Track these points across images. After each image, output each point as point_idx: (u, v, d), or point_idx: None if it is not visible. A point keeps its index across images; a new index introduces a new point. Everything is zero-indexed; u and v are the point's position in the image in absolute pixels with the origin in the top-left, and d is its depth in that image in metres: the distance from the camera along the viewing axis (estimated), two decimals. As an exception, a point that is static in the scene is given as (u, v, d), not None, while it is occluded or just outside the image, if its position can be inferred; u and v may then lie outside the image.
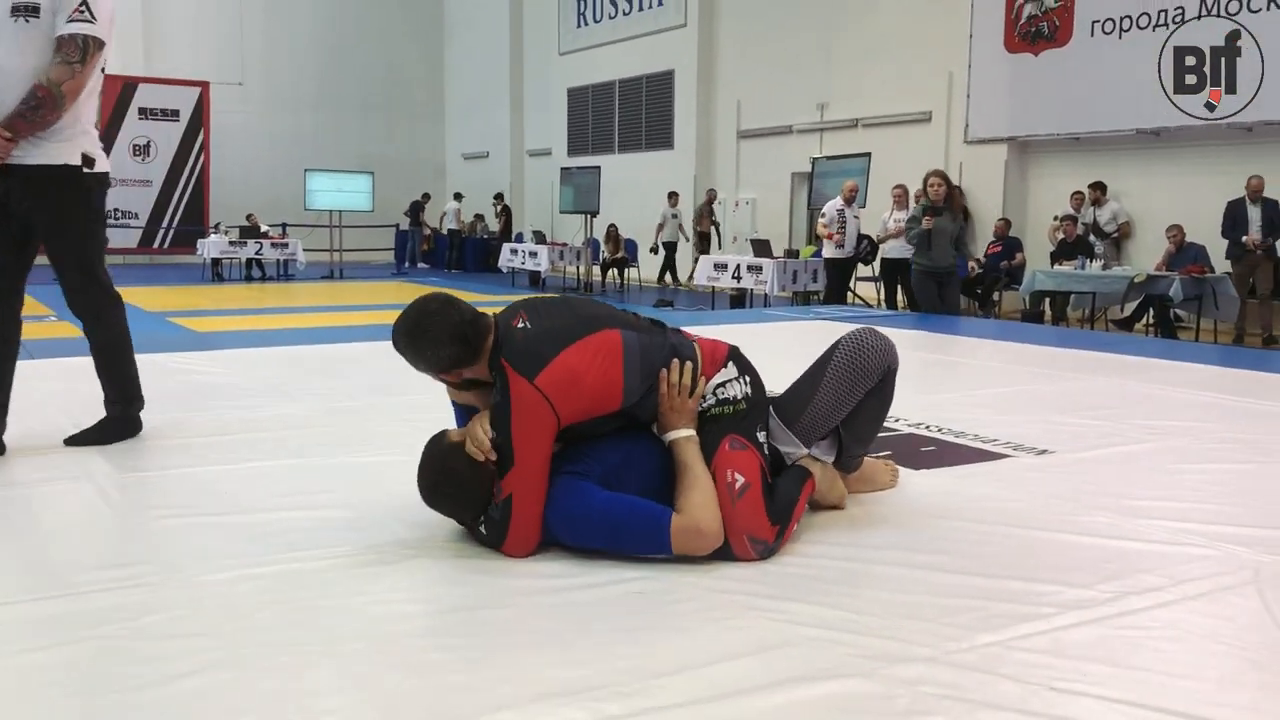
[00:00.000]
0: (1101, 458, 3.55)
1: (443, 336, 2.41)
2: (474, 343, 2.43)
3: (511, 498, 2.38)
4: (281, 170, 22.34)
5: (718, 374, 2.62)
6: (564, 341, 2.43)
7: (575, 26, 20.71)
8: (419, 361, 2.46)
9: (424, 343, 2.42)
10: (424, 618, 2.09)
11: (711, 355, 2.65)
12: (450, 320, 2.42)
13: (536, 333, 2.45)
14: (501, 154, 23.71)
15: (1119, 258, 11.79)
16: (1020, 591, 2.26)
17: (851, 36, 14.92)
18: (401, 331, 2.46)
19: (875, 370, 2.73)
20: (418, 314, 2.45)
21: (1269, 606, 2.20)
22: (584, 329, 2.49)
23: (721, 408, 2.57)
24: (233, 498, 2.91)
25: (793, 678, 1.81)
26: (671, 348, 2.60)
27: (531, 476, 2.38)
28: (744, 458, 2.50)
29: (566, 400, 2.39)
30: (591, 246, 16.92)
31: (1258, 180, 9.99)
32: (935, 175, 9.22)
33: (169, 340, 7.50)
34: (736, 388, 2.61)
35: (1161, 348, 7.69)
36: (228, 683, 1.78)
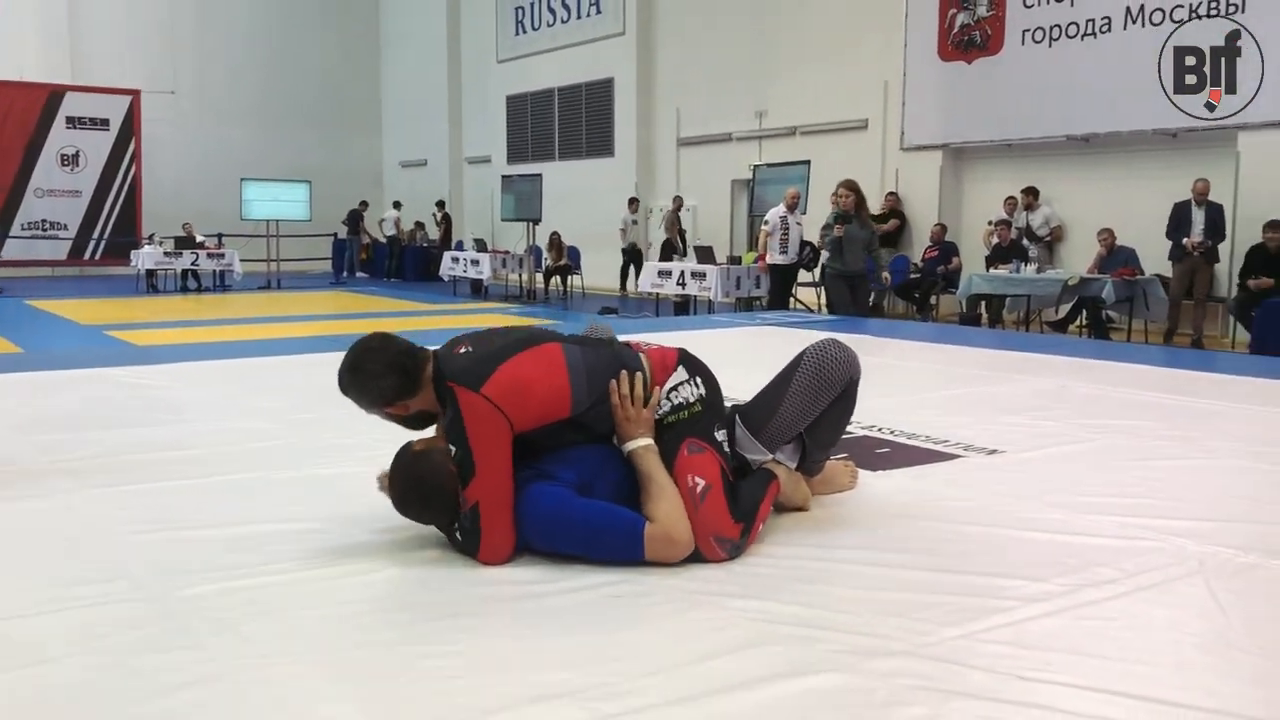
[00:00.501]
0: (1049, 456, 3.68)
1: (379, 369, 2.52)
2: (412, 372, 2.52)
3: (479, 506, 2.43)
4: (216, 180, 22.02)
5: (670, 378, 2.68)
6: (506, 355, 2.52)
7: (513, 34, 20.72)
8: (363, 397, 2.56)
9: (363, 377, 2.53)
10: (411, 625, 2.12)
11: (661, 362, 2.72)
12: (387, 352, 2.54)
13: (478, 353, 2.54)
14: (440, 162, 23.62)
15: (1052, 261, 12.09)
16: (983, 586, 2.35)
17: (788, 45, 15.12)
18: (343, 371, 2.57)
19: (839, 381, 2.82)
20: (355, 352, 2.56)
21: (1215, 595, 2.32)
22: (524, 345, 2.58)
23: (677, 414, 2.64)
24: (202, 512, 2.92)
25: (775, 674, 1.88)
26: (616, 359, 2.66)
27: (495, 483, 2.43)
28: (703, 460, 2.57)
29: (515, 406, 2.45)
30: (534, 254, 16.93)
31: (1203, 184, 10.24)
32: (844, 185, 9.60)
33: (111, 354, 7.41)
34: (689, 390, 2.67)
35: (1096, 348, 7.92)
36: (224, 694, 1.80)
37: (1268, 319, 8.33)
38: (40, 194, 20.77)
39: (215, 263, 17.63)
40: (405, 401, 2.55)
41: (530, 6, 20.21)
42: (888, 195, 13.80)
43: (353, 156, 24.82)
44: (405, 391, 2.53)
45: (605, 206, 18.34)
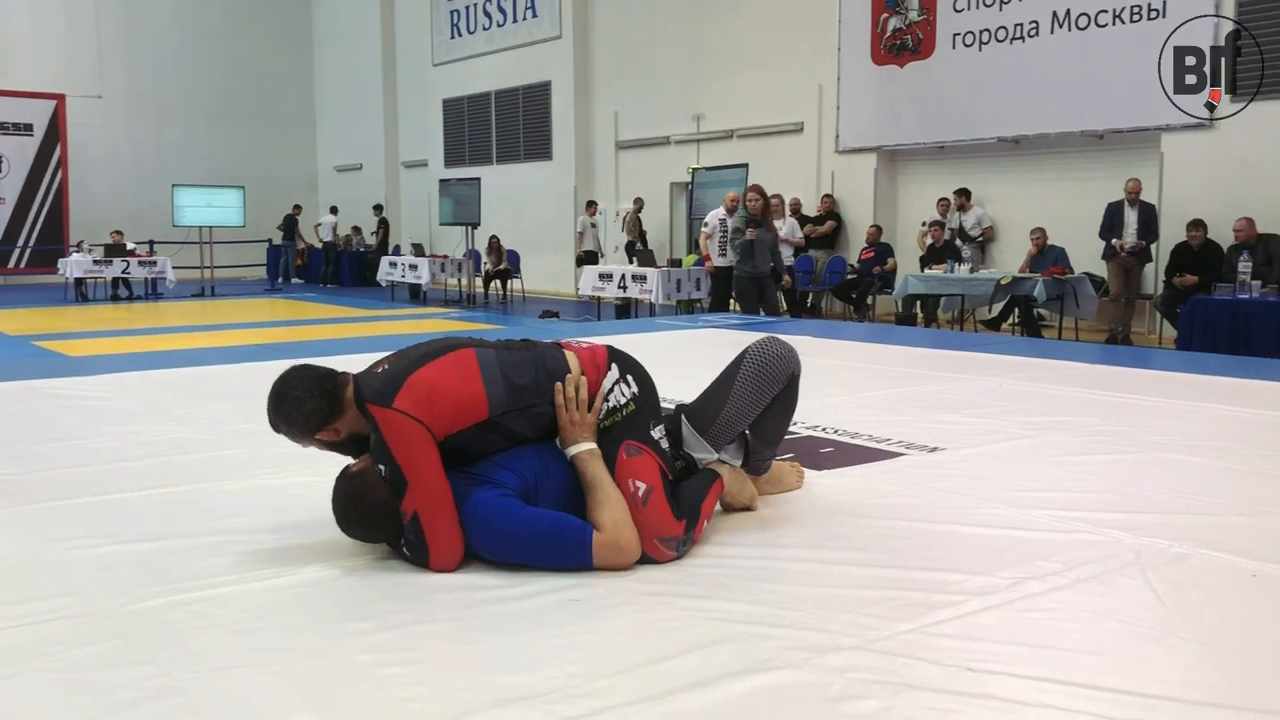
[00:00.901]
0: (988, 453, 3.77)
1: (301, 393, 2.53)
2: (333, 394, 2.54)
3: (417, 516, 2.43)
4: (147, 186, 21.63)
5: (603, 379, 2.69)
6: (414, 366, 2.54)
7: (449, 37, 20.61)
8: (292, 427, 2.56)
9: (287, 405, 2.54)
10: (366, 634, 2.12)
11: (592, 360, 2.72)
12: (306, 378, 2.56)
13: (391, 369, 2.56)
14: (376, 166, 23.41)
15: (984, 261, 12.31)
16: (929, 581, 2.41)
17: (724, 49, 15.23)
18: (270, 406, 2.58)
19: (781, 377, 2.87)
20: (277, 386, 2.59)
21: (1152, 585, 2.39)
22: (436, 354, 2.60)
23: (612, 416, 2.65)
24: (146, 525, 2.88)
25: (732, 672, 1.91)
26: (536, 360, 2.66)
27: (427, 491, 2.44)
28: (642, 463, 2.59)
29: (429, 412, 2.47)
30: (473, 258, 16.86)
31: (1134, 183, 10.46)
32: (753, 190, 10.06)
33: (42, 365, 7.25)
34: (623, 391, 2.69)
35: (1028, 346, 8.09)
36: (178, 708, 1.79)
37: (1193, 315, 8.56)
38: (-40, 201, 20.23)
39: (147, 270, 17.29)
40: (333, 425, 2.55)
41: (466, 9, 20.12)
42: (824, 198, 13.96)
43: (287, 161, 24.50)
44: (331, 414, 2.53)
45: (544, 210, 18.35)
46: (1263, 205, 9.65)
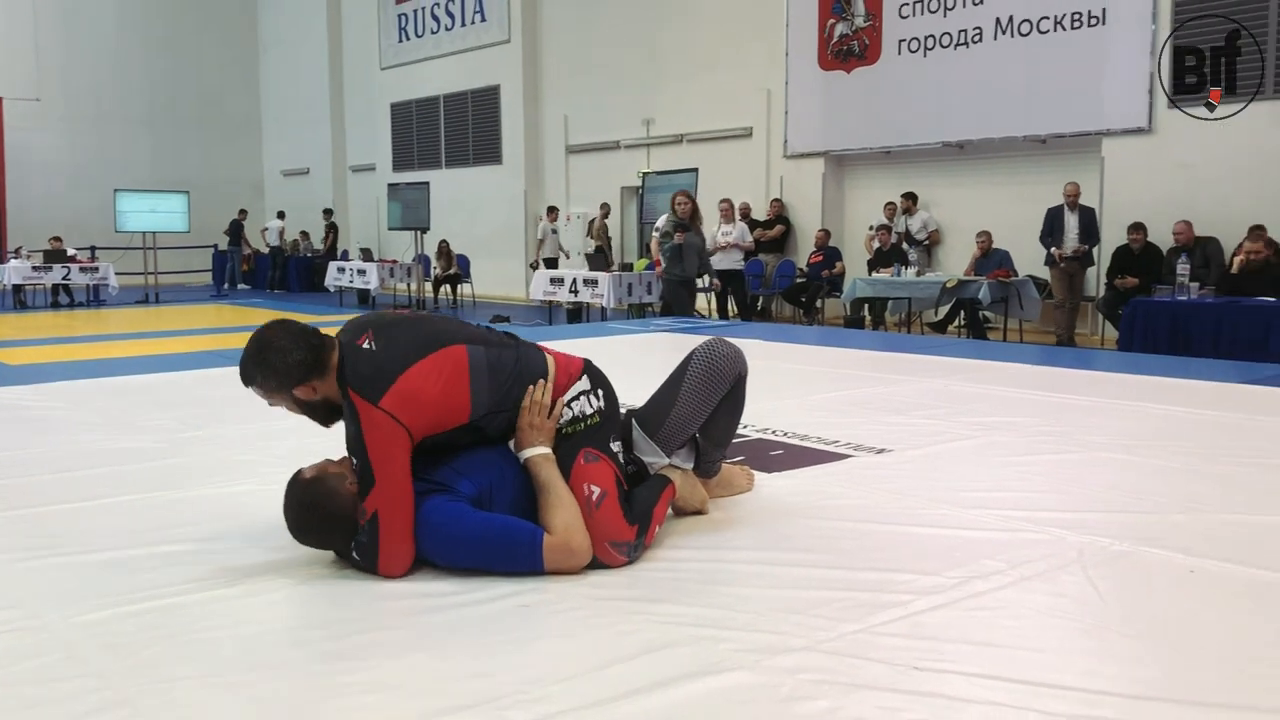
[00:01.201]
0: (935, 454, 3.82)
1: (288, 344, 2.47)
2: (319, 350, 2.49)
3: (377, 516, 2.41)
4: (88, 191, 21.26)
5: (573, 387, 2.71)
6: (407, 361, 2.48)
7: (397, 41, 20.49)
8: (272, 377, 2.48)
9: (272, 354, 2.47)
10: (317, 643, 2.11)
11: (566, 368, 2.74)
12: (292, 329, 2.51)
13: (381, 355, 2.49)
14: (323, 170, 23.20)
15: (930, 264, 12.47)
16: (877, 581, 2.44)
17: (673, 54, 15.29)
18: (249, 354, 2.50)
19: (728, 377, 2.90)
20: (259, 334, 2.52)
21: (1094, 583, 2.44)
22: (428, 347, 2.54)
23: (575, 425, 2.67)
24: (92, 536, 2.84)
25: (683, 674, 1.93)
26: (520, 361, 2.67)
27: (394, 491, 2.43)
28: (598, 469, 2.61)
29: (413, 416, 2.45)
30: (423, 263, 16.76)
31: (1073, 186, 10.62)
32: (682, 195, 10.13)
33: (-19, 374, 7.10)
34: (589, 402, 2.70)
35: (974, 348, 8.20)
36: (127, 720, 1.77)
37: (1134, 317, 8.73)
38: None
39: (89, 277, 17.00)
40: (314, 382, 2.49)
41: (414, 13, 20.01)
42: (773, 202, 14.06)
43: (232, 165, 24.21)
44: (315, 369, 2.48)
45: (494, 214, 18.29)
46: (1201, 209, 9.88)
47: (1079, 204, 10.67)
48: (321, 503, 2.46)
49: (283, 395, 2.53)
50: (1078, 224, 10.66)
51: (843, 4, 13.07)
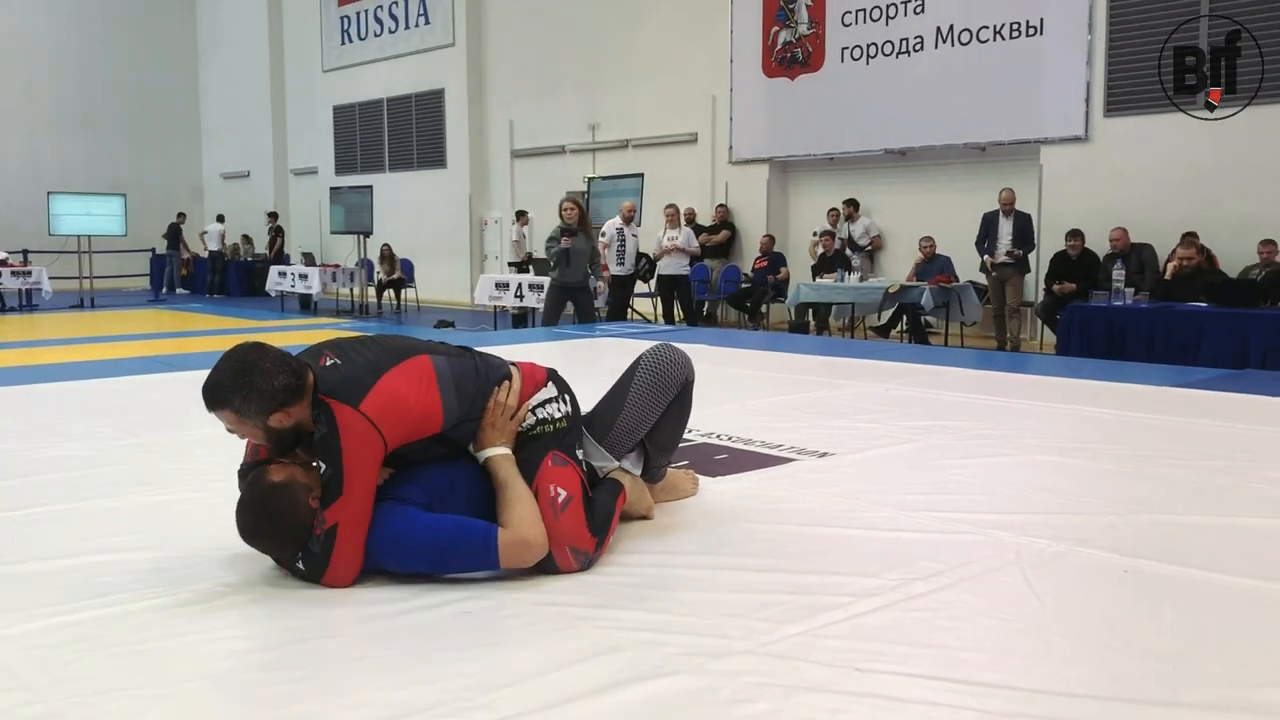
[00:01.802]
0: (876, 458, 3.86)
1: (272, 368, 2.38)
2: (300, 374, 2.42)
3: (336, 528, 2.37)
4: (20, 193, 20.83)
5: (539, 393, 2.70)
6: (380, 369, 2.46)
7: (340, 43, 20.30)
8: (253, 401, 2.36)
9: (256, 376, 2.36)
10: (257, 652, 2.08)
11: (531, 375, 2.74)
12: (273, 353, 2.43)
13: (352, 366, 2.46)
14: (264, 173, 22.91)
15: (873, 269, 12.61)
16: (818, 584, 2.46)
17: (618, 59, 15.32)
18: (226, 376, 2.38)
19: (675, 383, 2.91)
20: (237, 356, 2.41)
21: (1030, 583, 2.48)
22: (395, 357, 2.52)
23: (543, 426, 2.66)
24: (24, 545, 2.77)
25: (625, 679, 1.93)
26: (479, 369, 2.65)
27: (358, 505, 2.39)
28: (565, 473, 2.60)
29: (392, 424, 2.42)
30: (366, 267, 16.61)
31: (1008, 193, 10.73)
32: (569, 200, 10.10)
33: (-93, 380, 6.91)
34: (557, 406, 2.70)
35: (916, 352, 8.30)
36: (56, 734, 1.73)
37: (1071, 322, 8.89)
38: None
39: (21, 281, 16.62)
40: (292, 406, 2.40)
41: (357, 16, 19.84)
42: (718, 207, 14.13)
43: (171, 168, 23.82)
44: (297, 393, 2.39)
45: (439, 218, 18.18)
46: (1136, 216, 10.08)
47: (1015, 210, 10.78)
48: (283, 514, 2.39)
49: (256, 422, 2.39)
50: (1012, 229, 10.75)
51: (786, 11, 13.18)
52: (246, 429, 2.43)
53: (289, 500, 2.39)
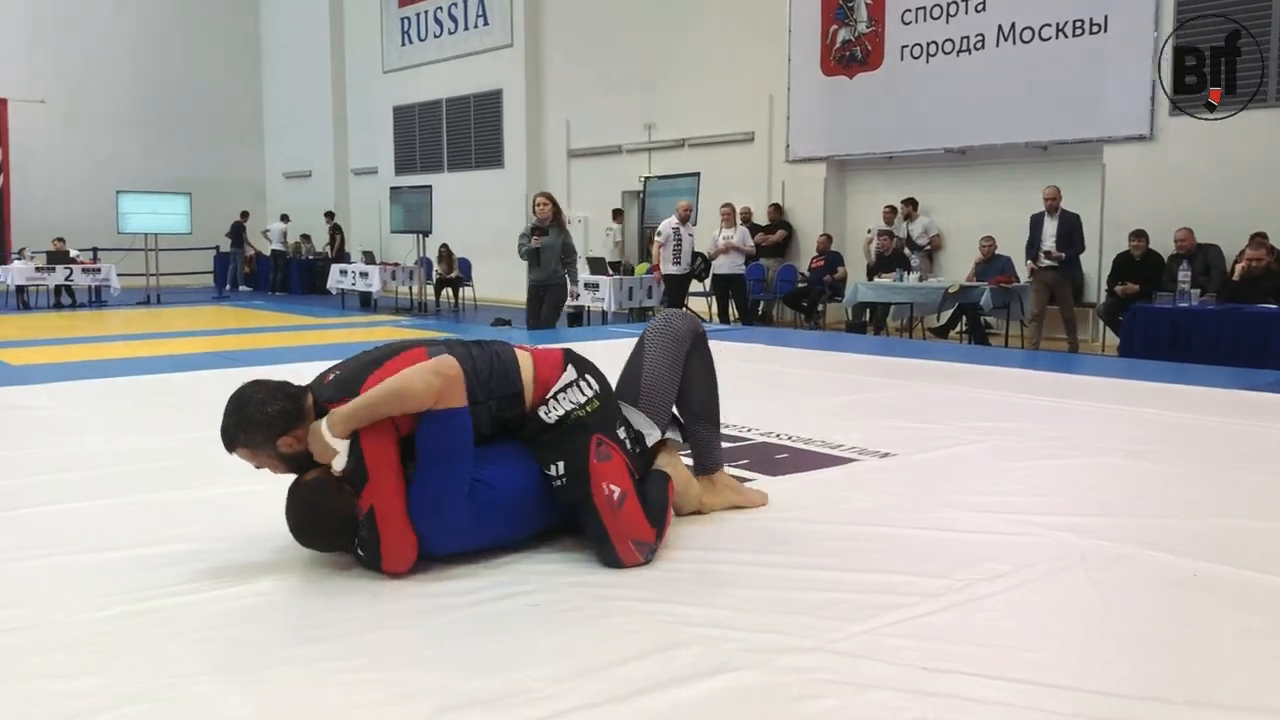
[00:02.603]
0: (939, 458, 3.84)
1: (264, 397, 2.51)
2: (296, 397, 2.53)
3: (374, 511, 2.44)
4: (91, 192, 21.29)
5: (560, 378, 2.71)
6: (375, 365, 2.57)
7: (400, 45, 20.51)
8: (254, 433, 2.49)
9: (251, 408, 2.50)
10: (325, 642, 2.12)
11: (546, 360, 2.75)
12: (265, 385, 2.56)
13: (347, 370, 2.59)
14: (325, 173, 23.22)
15: (932, 269, 12.49)
16: (883, 583, 2.46)
17: (676, 59, 15.32)
18: (228, 416, 2.53)
19: (685, 332, 2.98)
20: (234, 396, 2.55)
21: (1097, 585, 2.46)
22: (389, 353, 2.63)
23: (578, 413, 2.67)
24: (97, 535, 2.86)
25: (692, 674, 1.95)
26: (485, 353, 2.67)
27: (386, 485, 2.45)
28: (613, 467, 2.62)
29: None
30: (424, 266, 16.78)
31: (1052, 190, 10.33)
32: (541, 197, 9.76)
33: (-16, 374, 7.12)
34: (581, 389, 2.71)
35: (976, 353, 8.22)
36: (141, 715, 1.79)
37: (1134, 323, 8.75)
38: (-102, 206, 19.80)
39: (91, 278, 17.02)
40: (295, 431, 2.50)
41: (417, 17, 20.04)
42: (774, 206, 14.08)
43: (234, 168, 24.22)
44: (296, 417, 2.50)
45: (496, 218, 18.30)
46: (1202, 216, 9.88)
47: (1060, 209, 10.30)
48: (319, 501, 2.48)
49: (267, 451, 2.52)
50: (1056, 231, 10.21)
51: (845, 10, 13.10)
52: (263, 460, 2.56)
53: (322, 490, 2.48)
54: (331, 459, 2.47)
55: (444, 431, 2.48)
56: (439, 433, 2.47)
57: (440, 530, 2.49)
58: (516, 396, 2.65)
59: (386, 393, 2.44)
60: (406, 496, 2.47)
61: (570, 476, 2.59)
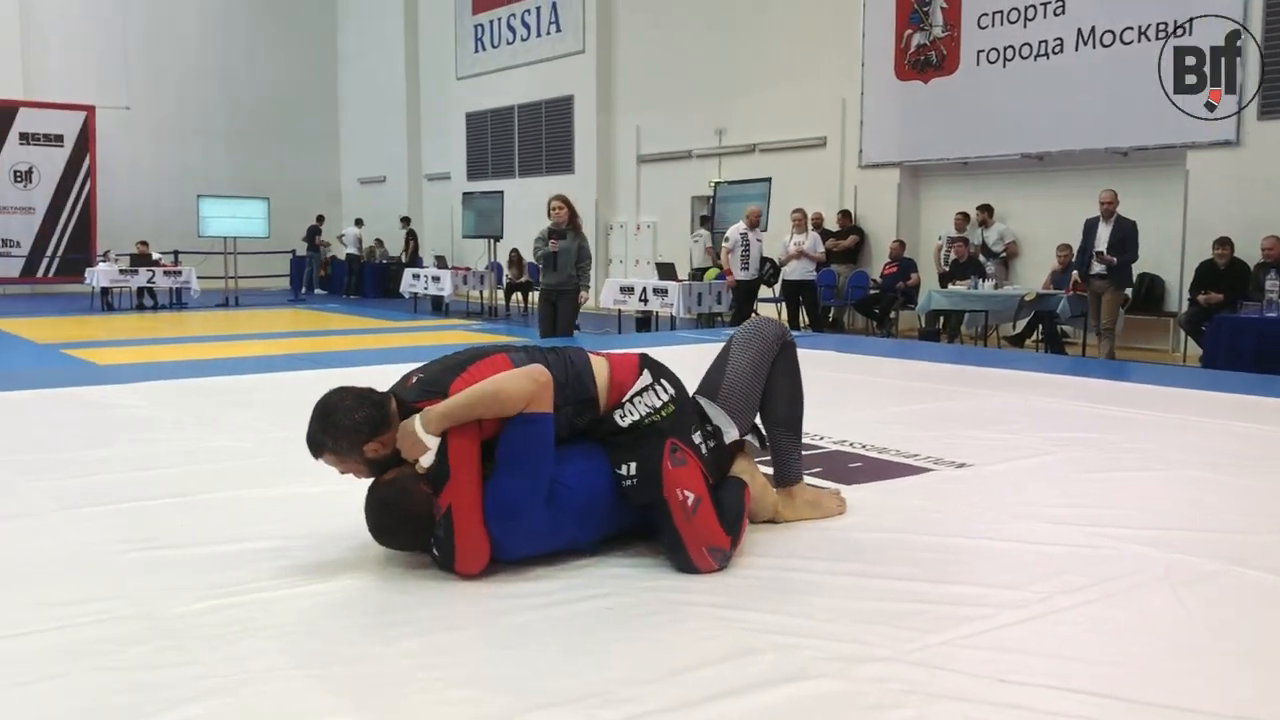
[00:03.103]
0: (1015, 469, 3.79)
1: (351, 404, 2.55)
2: (381, 404, 2.57)
3: (451, 510, 2.47)
4: (173, 196, 21.91)
5: (635, 383, 2.72)
6: (460, 367, 2.60)
7: (473, 51, 20.77)
8: (342, 438, 2.53)
9: (339, 415, 2.53)
10: (405, 639, 2.16)
11: (623, 365, 2.77)
12: (350, 391, 2.60)
13: (431, 373, 2.62)
14: (399, 178, 23.58)
15: (1008, 277, 12.31)
16: (959, 594, 2.43)
17: (747, 63, 15.29)
18: (314, 423, 2.56)
19: (772, 335, 3.00)
20: (321, 403, 2.59)
21: (1182, 601, 2.41)
22: (473, 357, 2.66)
23: (653, 417, 2.69)
24: (188, 530, 2.94)
25: (767, 681, 1.95)
26: (562, 359, 2.70)
27: (466, 485, 2.48)
28: (688, 472, 2.63)
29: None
30: (495, 270, 16.95)
31: (1108, 194, 9.95)
32: (557, 200, 9.28)
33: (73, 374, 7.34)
34: (657, 393, 2.72)
35: (1053, 362, 8.09)
36: (228, 707, 1.84)
37: (1218, 333, 8.54)
38: (-10, 211, 20.50)
39: (172, 280, 17.47)
40: (383, 435, 2.54)
41: (490, 24, 20.27)
42: (845, 212, 13.99)
43: (311, 172, 24.70)
44: (381, 423, 2.54)
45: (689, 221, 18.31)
46: (1291, 224, 9.62)
47: (1116, 214, 9.85)
48: (397, 499, 2.53)
49: (354, 456, 2.55)
50: (1109, 236, 9.78)
51: (920, 14, 12.98)
52: (350, 465, 2.59)
53: (400, 488, 2.52)
54: (421, 455, 2.50)
55: (530, 435, 2.51)
56: (524, 436, 2.50)
57: (514, 534, 2.52)
58: (591, 402, 2.68)
59: (482, 394, 2.48)
60: (483, 499, 2.50)
61: (641, 478, 2.61)
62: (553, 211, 9.20)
